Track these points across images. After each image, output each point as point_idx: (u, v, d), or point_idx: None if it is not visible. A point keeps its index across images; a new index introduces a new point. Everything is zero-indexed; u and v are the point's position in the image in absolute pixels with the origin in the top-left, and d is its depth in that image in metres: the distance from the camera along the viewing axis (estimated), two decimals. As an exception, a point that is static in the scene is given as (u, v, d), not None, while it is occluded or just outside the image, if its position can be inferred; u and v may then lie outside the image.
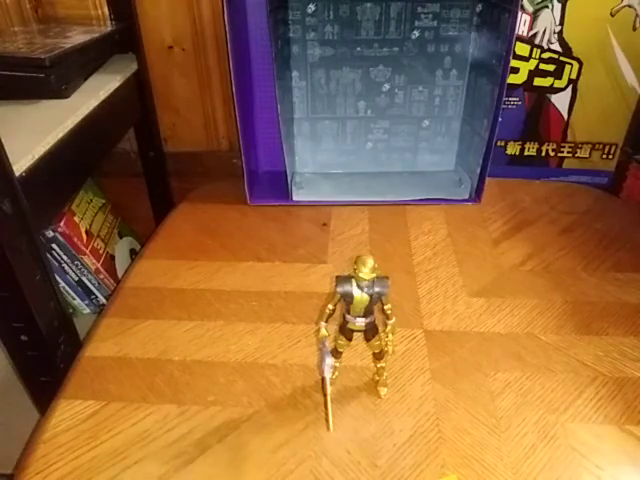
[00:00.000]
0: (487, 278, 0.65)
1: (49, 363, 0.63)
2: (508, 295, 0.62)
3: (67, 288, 0.85)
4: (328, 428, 0.45)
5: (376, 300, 0.43)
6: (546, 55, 0.82)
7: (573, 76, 0.83)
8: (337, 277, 0.43)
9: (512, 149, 0.89)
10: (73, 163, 0.71)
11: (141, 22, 0.86)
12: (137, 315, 0.60)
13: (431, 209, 0.80)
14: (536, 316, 0.59)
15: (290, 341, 0.56)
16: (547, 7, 0.79)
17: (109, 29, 0.84)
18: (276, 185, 0.84)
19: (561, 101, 0.85)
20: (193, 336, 0.57)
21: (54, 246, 0.81)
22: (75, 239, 0.82)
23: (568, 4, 0.78)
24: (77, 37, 0.78)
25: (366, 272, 0.42)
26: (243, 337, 0.57)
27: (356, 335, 0.47)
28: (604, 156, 0.88)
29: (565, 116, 0.86)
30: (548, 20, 0.80)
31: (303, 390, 0.50)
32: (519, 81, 0.83)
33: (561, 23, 0.79)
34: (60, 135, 0.65)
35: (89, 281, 0.86)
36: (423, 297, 0.62)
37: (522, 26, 0.80)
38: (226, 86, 0.92)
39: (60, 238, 0.80)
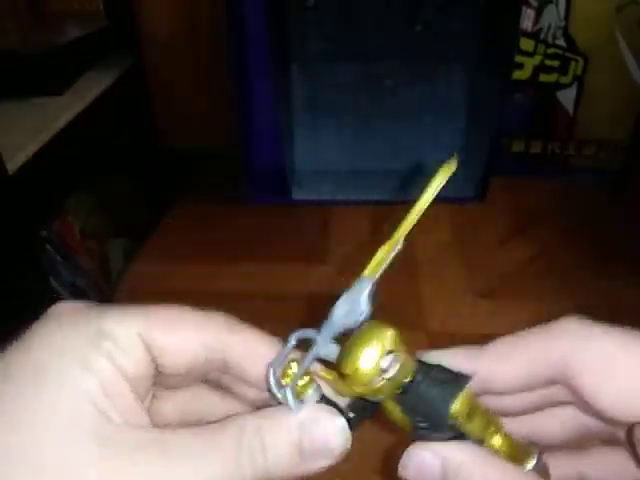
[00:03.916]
0: (492, 279, 0.64)
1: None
2: (513, 296, 0.61)
3: (61, 289, 0.84)
4: None
5: None
6: (551, 51, 0.80)
7: (578, 72, 0.81)
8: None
9: (517, 147, 0.88)
10: (67, 161, 0.70)
11: (136, 17, 0.85)
12: (132, 317, 0.59)
13: (434, 208, 0.78)
14: (542, 318, 0.58)
15: (289, 344, 0.55)
16: (552, 2, 0.78)
17: (104, 24, 0.83)
18: (275, 183, 0.82)
19: (566, 98, 0.83)
20: (189, 339, 0.56)
21: (48, 246, 0.79)
22: (69, 239, 0.81)
23: (573, -1, 0.77)
24: (72, 33, 0.77)
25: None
26: (241, 340, 0.56)
27: None
28: (610, 154, 0.87)
29: (571, 113, 0.84)
30: (553, 15, 0.79)
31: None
32: (524, 77, 0.82)
33: (566, 18, 0.78)
34: (54, 132, 0.64)
35: (83, 282, 0.84)
36: (426, 298, 0.61)
37: (526, 21, 0.78)
38: (224, 82, 0.90)
39: (54, 238, 0.79)
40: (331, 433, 0.20)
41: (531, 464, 0.22)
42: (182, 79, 0.92)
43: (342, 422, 0.20)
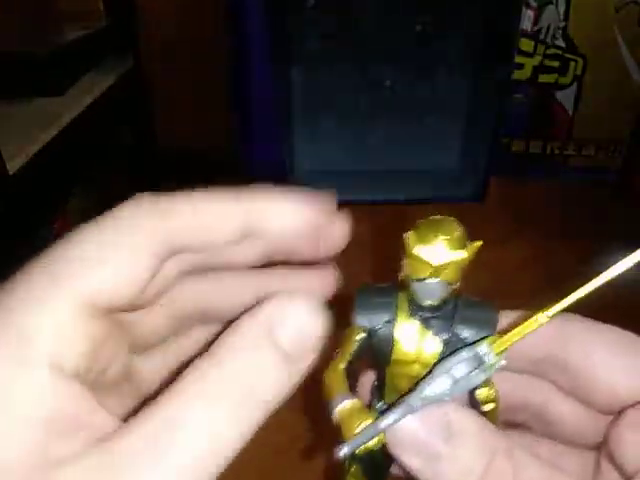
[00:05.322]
0: (490, 279, 0.64)
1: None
2: (512, 296, 0.61)
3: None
4: None
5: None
6: (550, 51, 0.80)
7: (578, 72, 0.81)
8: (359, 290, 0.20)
9: (516, 147, 0.88)
10: (68, 161, 0.70)
11: (137, 18, 0.85)
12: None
13: (434, 208, 0.78)
14: (541, 318, 0.58)
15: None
16: (551, 3, 0.78)
17: (105, 25, 0.83)
18: (275, 183, 0.82)
19: (566, 98, 0.83)
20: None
21: (48, 247, 0.79)
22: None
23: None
24: (73, 34, 0.77)
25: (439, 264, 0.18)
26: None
27: None
28: (610, 154, 0.87)
29: (570, 113, 0.84)
30: (552, 16, 0.79)
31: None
32: (523, 77, 0.82)
33: (565, 19, 0.78)
34: (55, 132, 0.65)
35: (84, 282, 0.84)
36: (425, 298, 0.61)
37: (526, 21, 0.78)
38: (224, 82, 0.90)
39: (54, 238, 0.79)
40: (306, 316, 0.17)
41: None
42: (182, 79, 0.92)
43: (308, 300, 0.17)
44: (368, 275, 0.65)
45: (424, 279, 0.18)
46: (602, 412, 0.20)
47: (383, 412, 0.17)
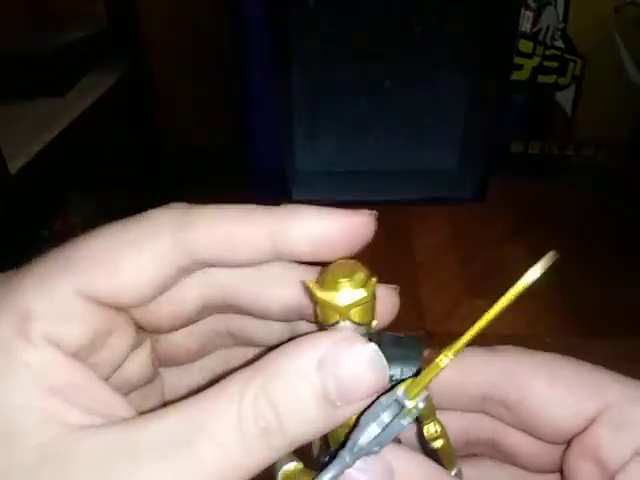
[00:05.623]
0: (490, 279, 0.64)
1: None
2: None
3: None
4: None
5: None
6: (550, 52, 0.81)
7: (577, 73, 0.82)
8: None
9: (516, 147, 0.88)
10: (69, 161, 0.70)
11: (137, 18, 0.85)
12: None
13: (433, 208, 0.79)
14: (541, 317, 0.58)
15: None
16: (550, 4, 0.78)
17: (106, 26, 0.83)
18: (275, 184, 0.82)
19: (565, 98, 0.84)
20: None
21: (49, 247, 0.79)
22: (71, 239, 0.81)
23: (572, 1, 0.77)
24: (73, 35, 0.77)
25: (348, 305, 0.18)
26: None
27: None
28: (609, 154, 0.87)
29: (569, 113, 0.85)
30: (551, 17, 0.79)
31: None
32: (522, 78, 0.82)
33: (564, 20, 0.79)
34: (56, 133, 0.65)
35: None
36: (425, 299, 0.61)
37: (525, 22, 0.79)
38: (225, 83, 0.90)
39: (55, 238, 0.79)
40: (362, 365, 0.15)
41: (453, 472, 0.21)
42: (182, 79, 0.92)
43: (372, 348, 0.16)
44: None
45: (336, 323, 0.18)
46: (552, 443, 0.20)
47: (321, 469, 0.17)
